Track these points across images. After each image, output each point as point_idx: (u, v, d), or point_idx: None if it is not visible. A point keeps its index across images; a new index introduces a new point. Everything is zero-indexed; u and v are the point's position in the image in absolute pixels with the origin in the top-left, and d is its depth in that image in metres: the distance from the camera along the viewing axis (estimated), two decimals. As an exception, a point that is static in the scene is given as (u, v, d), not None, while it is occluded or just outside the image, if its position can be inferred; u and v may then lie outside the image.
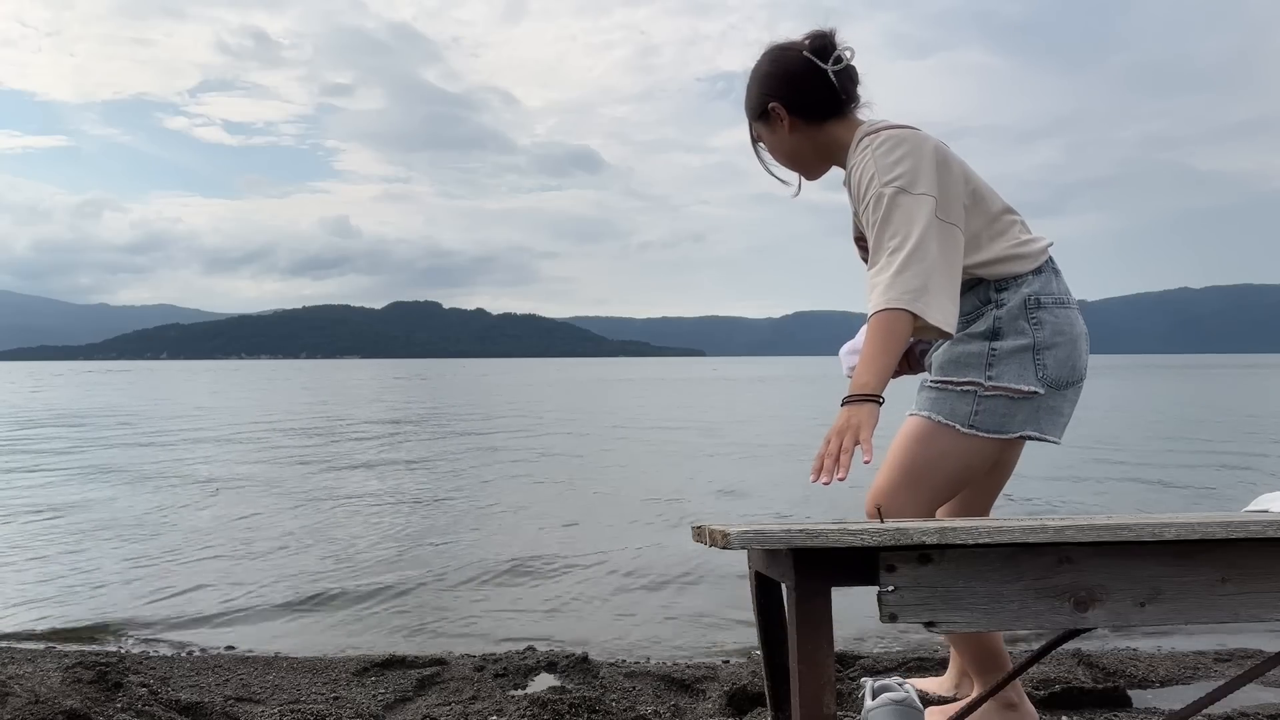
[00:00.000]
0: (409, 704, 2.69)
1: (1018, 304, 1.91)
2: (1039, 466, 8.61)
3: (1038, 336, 1.89)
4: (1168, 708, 2.52)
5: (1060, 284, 1.97)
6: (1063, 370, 1.90)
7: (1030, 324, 1.90)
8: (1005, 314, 1.91)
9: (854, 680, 2.62)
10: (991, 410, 1.89)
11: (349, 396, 27.72)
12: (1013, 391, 1.88)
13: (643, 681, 2.83)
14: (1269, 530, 1.39)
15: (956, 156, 1.93)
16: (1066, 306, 1.94)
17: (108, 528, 5.82)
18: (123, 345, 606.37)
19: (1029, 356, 1.88)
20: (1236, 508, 1.94)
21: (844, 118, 2.01)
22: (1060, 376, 1.90)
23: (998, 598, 1.38)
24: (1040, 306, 1.91)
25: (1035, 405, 1.89)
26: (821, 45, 1.97)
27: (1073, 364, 1.92)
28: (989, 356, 1.90)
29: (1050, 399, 1.90)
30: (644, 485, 7.79)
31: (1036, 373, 1.88)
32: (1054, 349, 1.89)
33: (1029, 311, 1.90)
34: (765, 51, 2.04)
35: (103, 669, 2.48)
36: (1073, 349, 1.92)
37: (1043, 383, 1.88)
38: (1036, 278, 1.94)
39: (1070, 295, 1.97)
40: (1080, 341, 1.94)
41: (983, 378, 1.89)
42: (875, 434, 1.69)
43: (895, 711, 1.88)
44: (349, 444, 11.81)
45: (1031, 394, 1.88)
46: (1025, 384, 1.88)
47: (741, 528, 1.39)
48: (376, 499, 7.04)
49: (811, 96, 1.99)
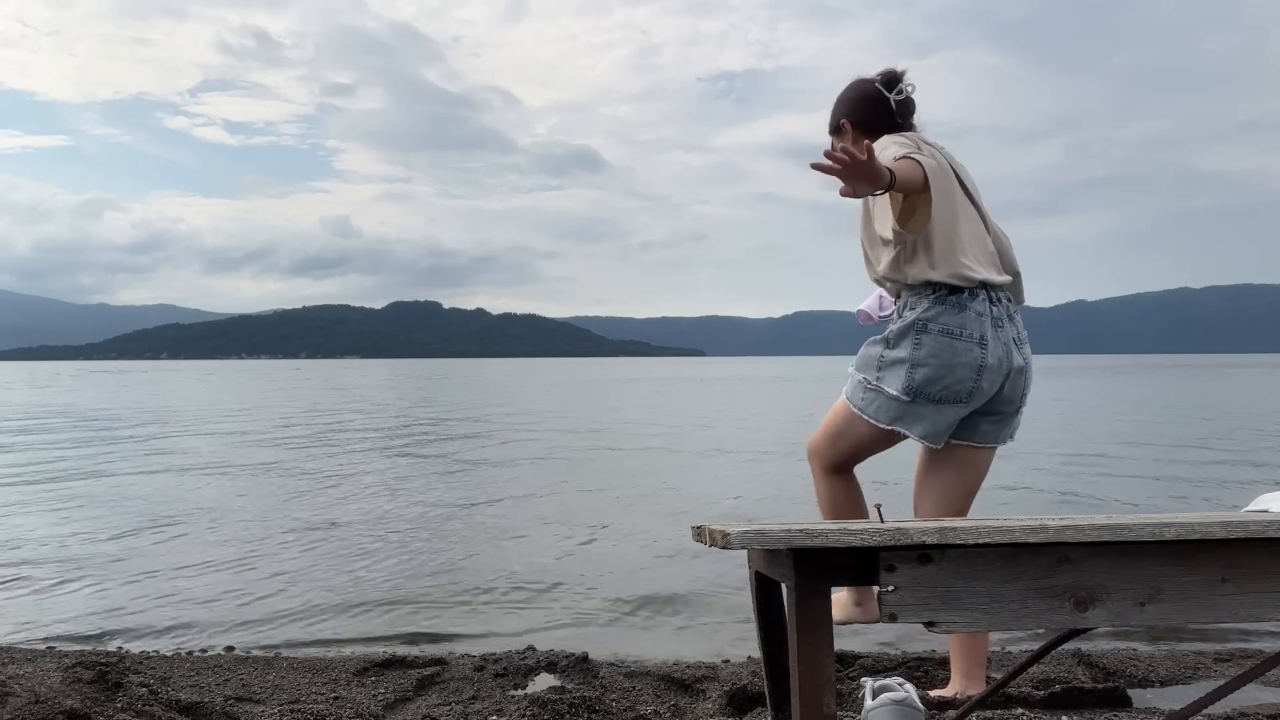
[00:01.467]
0: (409, 704, 2.69)
1: (909, 323, 2.30)
2: (1040, 468, 8.61)
3: (914, 355, 2.27)
4: (1168, 708, 2.51)
5: (968, 319, 2.27)
6: (932, 388, 2.26)
7: (912, 344, 2.28)
8: (898, 329, 2.32)
9: (854, 680, 2.62)
10: (876, 403, 2.33)
11: (375, 396, 27.72)
12: (887, 394, 2.31)
13: (643, 681, 2.83)
14: (1269, 530, 1.39)
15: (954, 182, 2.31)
16: (956, 339, 2.26)
17: (108, 528, 5.82)
18: (122, 345, 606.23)
19: (904, 369, 2.28)
20: (1236, 508, 1.94)
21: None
22: (930, 393, 2.26)
23: (998, 598, 1.38)
24: (925, 331, 2.27)
25: (905, 409, 2.29)
26: (889, 79, 2.48)
27: (946, 386, 2.26)
28: (880, 361, 2.34)
29: (921, 408, 2.28)
30: (644, 485, 7.79)
31: (906, 384, 2.27)
32: (925, 368, 2.26)
33: (915, 333, 2.28)
34: (850, 82, 2.55)
35: (103, 669, 2.48)
36: (948, 374, 2.25)
37: (909, 393, 2.27)
38: (937, 306, 2.28)
39: (977, 332, 2.26)
40: (960, 369, 2.25)
41: (873, 376, 2.34)
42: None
43: (895, 711, 1.88)
44: (355, 443, 11.82)
45: (898, 399, 2.29)
46: (895, 390, 2.29)
47: (741, 528, 1.39)
48: (377, 499, 7.04)
49: (872, 116, 2.48)
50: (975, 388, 2.27)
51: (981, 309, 2.28)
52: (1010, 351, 2.31)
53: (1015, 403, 2.38)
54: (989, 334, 2.27)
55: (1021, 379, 2.35)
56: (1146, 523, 1.38)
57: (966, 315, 2.27)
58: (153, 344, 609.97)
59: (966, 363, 2.25)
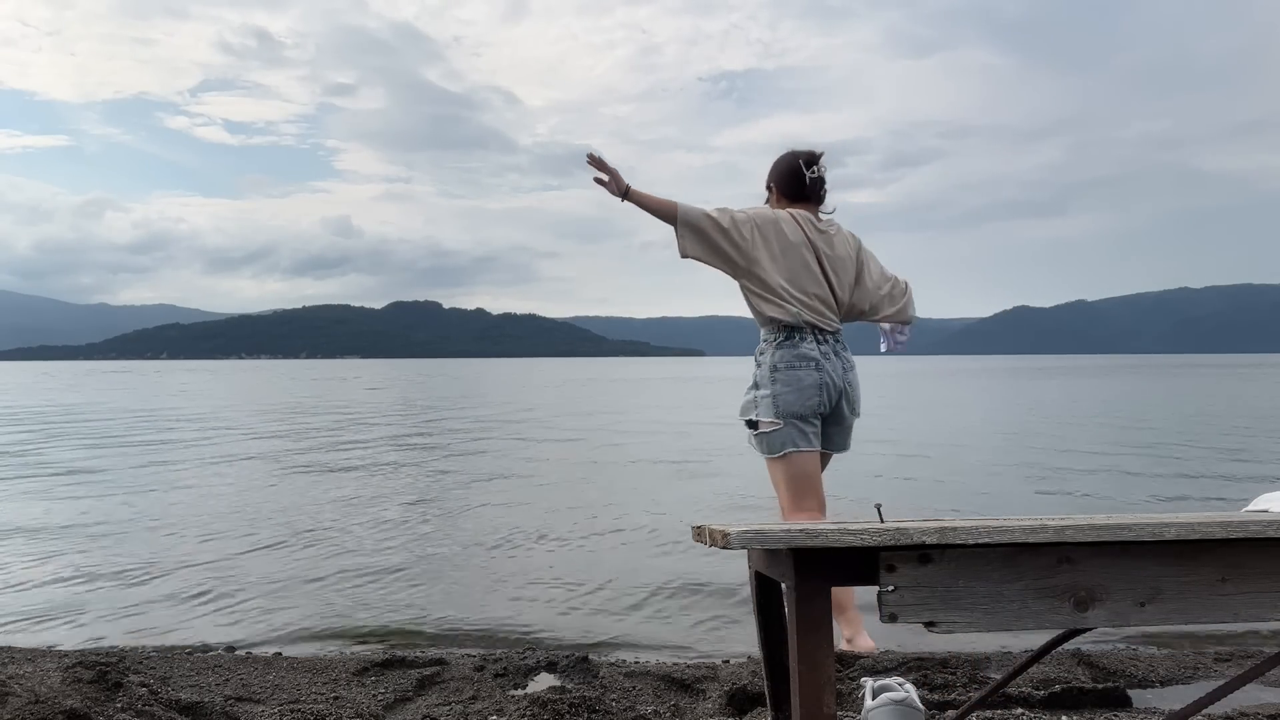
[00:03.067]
0: (409, 704, 2.69)
1: (768, 367, 3.05)
2: (1042, 467, 8.61)
3: (775, 388, 3.02)
4: (1168, 708, 2.51)
5: (809, 347, 3.03)
6: (794, 408, 3.00)
7: (774, 379, 3.03)
8: (759, 374, 3.08)
9: (854, 680, 2.62)
10: (767, 442, 3.04)
11: (388, 397, 27.72)
12: (768, 425, 3.02)
13: (643, 681, 2.83)
14: (1269, 530, 1.39)
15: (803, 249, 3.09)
16: (796, 369, 3.01)
17: (109, 527, 5.82)
18: (122, 345, 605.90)
19: (771, 401, 3.02)
20: (1236, 508, 1.94)
21: (806, 204, 3.20)
22: (794, 412, 3.00)
23: (998, 598, 1.38)
24: (777, 370, 3.03)
25: (785, 432, 3.01)
26: (809, 159, 3.19)
27: (803, 403, 3.00)
28: (755, 402, 3.08)
29: (794, 425, 3.01)
30: (645, 486, 7.79)
31: (776, 410, 3.01)
32: (786, 393, 3.00)
33: (773, 373, 3.03)
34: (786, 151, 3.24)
35: (103, 669, 2.48)
36: (800, 394, 3.00)
37: (781, 417, 3.01)
38: (780, 350, 3.04)
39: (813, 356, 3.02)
40: (809, 389, 3.00)
41: (753, 416, 3.07)
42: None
43: (895, 711, 1.88)
44: (359, 441, 11.83)
45: (776, 425, 3.01)
46: (770, 417, 3.02)
47: (741, 528, 1.39)
48: (378, 497, 7.04)
49: (789, 185, 3.21)
50: (820, 400, 3.03)
51: (809, 343, 3.05)
52: (839, 376, 3.06)
53: (849, 414, 3.14)
54: (821, 360, 3.04)
55: (852, 396, 3.12)
56: (1146, 523, 1.38)
57: (799, 349, 3.04)
58: (153, 344, 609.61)
59: (810, 384, 3.01)
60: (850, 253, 3.24)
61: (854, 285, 3.22)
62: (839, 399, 3.07)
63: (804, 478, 3.05)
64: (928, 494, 7.05)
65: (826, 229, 3.20)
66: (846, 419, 3.13)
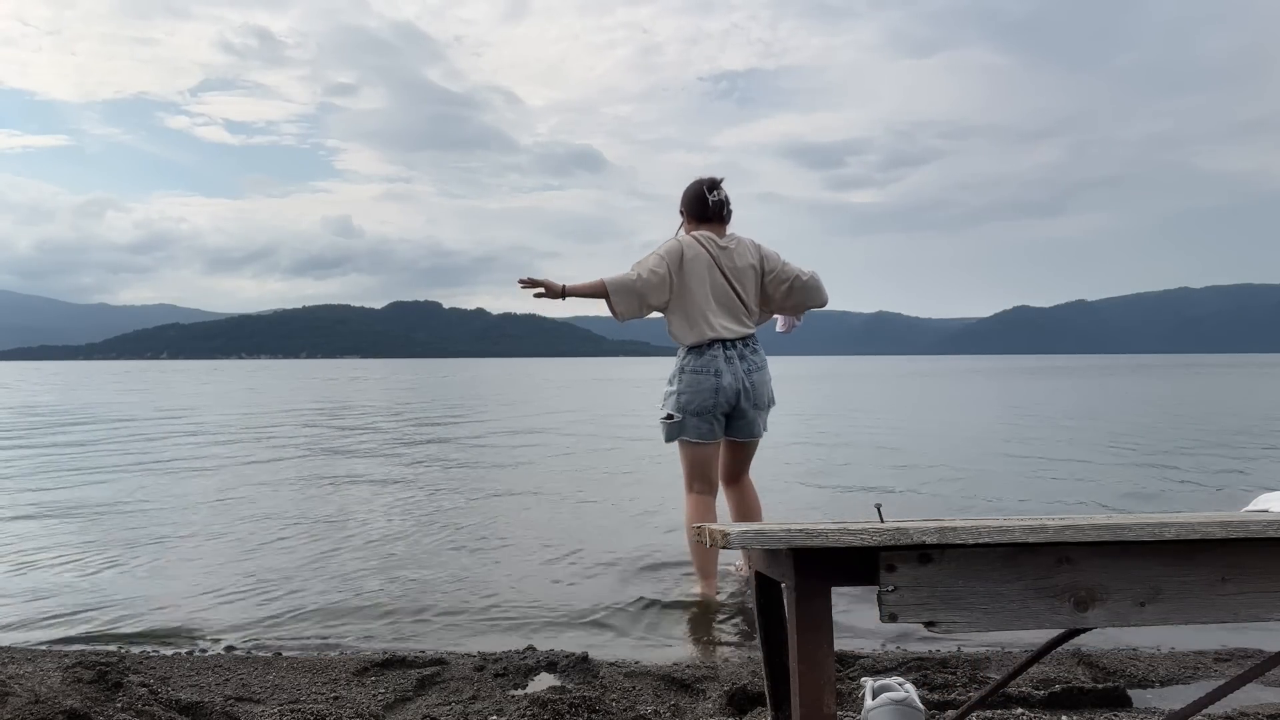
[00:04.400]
0: (409, 704, 2.69)
1: (676, 369, 3.80)
2: (1043, 466, 8.61)
3: (679, 388, 3.76)
4: (1168, 708, 2.52)
5: (706, 362, 3.71)
6: (692, 405, 3.72)
7: (679, 381, 3.77)
8: (673, 373, 3.81)
9: (854, 680, 2.62)
10: (669, 430, 3.79)
11: (395, 396, 27.73)
12: (672, 419, 3.77)
13: (643, 681, 2.83)
14: (1269, 530, 1.39)
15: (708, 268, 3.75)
16: (700, 374, 3.71)
17: (111, 527, 5.82)
18: (122, 345, 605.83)
19: (675, 398, 3.77)
20: (1236, 507, 1.94)
21: (710, 224, 3.86)
22: (693, 409, 3.72)
23: (998, 597, 1.38)
24: (684, 373, 3.75)
25: (681, 424, 3.76)
26: (711, 184, 3.84)
27: (700, 401, 3.70)
28: (665, 396, 3.84)
29: (692, 419, 3.73)
30: (645, 486, 7.79)
31: (676, 405, 3.76)
32: (685, 394, 3.73)
33: (680, 375, 3.77)
34: (693, 180, 3.88)
35: (103, 669, 2.48)
36: (696, 396, 3.70)
37: (682, 411, 3.75)
38: (689, 356, 3.75)
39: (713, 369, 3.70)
40: (705, 392, 3.70)
41: (661, 406, 3.85)
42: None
43: (895, 711, 1.88)
44: (361, 440, 11.83)
45: (674, 418, 3.76)
46: (672, 412, 3.78)
47: (741, 528, 1.39)
48: (378, 497, 7.04)
49: (697, 208, 3.86)
50: (716, 402, 3.70)
51: (716, 353, 3.72)
52: (740, 377, 3.72)
53: (752, 409, 3.78)
54: (723, 369, 3.70)
55: (752, 394, 3.75)
56: (1146, 523, 1.38)
57: (704, 359, 3.73)
58: (153, 344, 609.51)
59: (707, 388, 3.70)
60: (752, 261, 3.82)
61: (759, 289, 3.86)
62: (738, 396, 3.72)
63: (697, 463, 3.79)
64: (928, 494, 7.05)
65: (728, 244, 3.80)
66: (749, 412, 3.78)
